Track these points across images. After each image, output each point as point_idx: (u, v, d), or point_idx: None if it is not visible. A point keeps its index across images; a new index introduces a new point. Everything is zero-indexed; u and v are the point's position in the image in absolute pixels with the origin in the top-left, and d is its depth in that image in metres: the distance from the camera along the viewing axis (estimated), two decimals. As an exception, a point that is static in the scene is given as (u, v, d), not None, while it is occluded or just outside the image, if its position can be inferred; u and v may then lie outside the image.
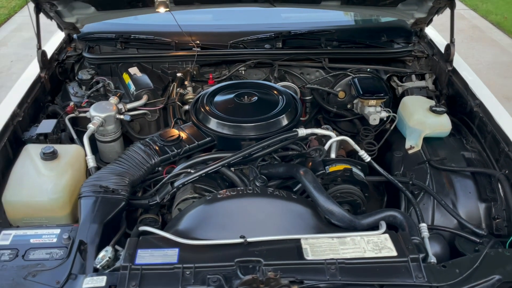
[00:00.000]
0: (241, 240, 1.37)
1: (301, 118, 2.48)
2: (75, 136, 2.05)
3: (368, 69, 2.47)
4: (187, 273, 1.30)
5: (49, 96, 2.33)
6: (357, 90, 2.19)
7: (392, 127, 2.18)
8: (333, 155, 1.94)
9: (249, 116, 1.96)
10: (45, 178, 1.70)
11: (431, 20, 2.56)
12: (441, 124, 2.08)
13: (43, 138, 1.93)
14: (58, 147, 1.81)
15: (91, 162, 1.86)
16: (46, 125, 1.96)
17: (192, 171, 1.76)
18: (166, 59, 2.49)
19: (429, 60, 2.61)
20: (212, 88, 2.16)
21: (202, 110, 2.00)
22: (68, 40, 2.64)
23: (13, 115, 1.97)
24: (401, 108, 2.23)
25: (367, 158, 1.99)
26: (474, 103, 2.08)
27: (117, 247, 1.42)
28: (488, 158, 1.95)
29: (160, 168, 1.90)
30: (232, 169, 1.84)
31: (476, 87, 2.16)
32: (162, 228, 1.68)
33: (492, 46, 6.06)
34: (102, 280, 1.29)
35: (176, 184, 1.67)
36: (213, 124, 1.94)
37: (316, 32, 2.59)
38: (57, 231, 1.54)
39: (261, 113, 1.99)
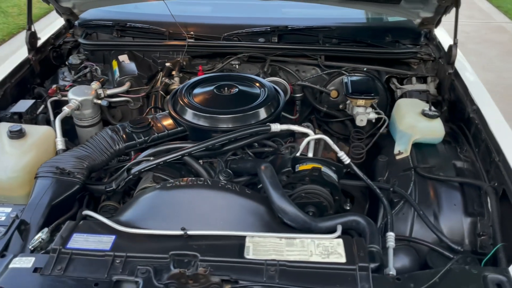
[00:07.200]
0: (181, 232, 1.29)
1: (292, 117, 2.39)
2: (52, 118, 2.03)
3: (365, 69, 2.33)
4: (117, 261, 1.23)
5: (38, 79, 2.33)
6: (346, 88, 2.06)
7: (381, 130, 2.04)
8: (310, 154, 1.82)
9: (225, 108, 1.88)
10: (7, 156, 1.68)
11: (439, 21, 2.39)
12: (433, 129, 1.91)
13: (17, 117, 1.92)
14: (28, 127, 1.79)
15: (60, 145, 1.83)
16: (22, 105, 1.95)
17: (153, 159, 1.70)
18: (158, 48, 2.44)
19: (436, 63, 2.45)
20: (192, 80, 2.09)
21: (179, 100, 1.94)
22: (68, 26, 2.65)
23: None
24: (394, 110, 2.08)
25: (346, 160, 1.86)
26: (471, 108, 1.92)
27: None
28: (480, 168, 1.78)
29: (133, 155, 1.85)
30: (201, 161, 1.76)
31: (476, 91, 1.99)
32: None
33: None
34: (29, 261, 1.24)
35: (132, 171, 1.60)
36: (186, 114, 1.87)
37: (315, 28, 2.47)
38: (8, 209, 1.51)
39: (239, 105, 1.90)
